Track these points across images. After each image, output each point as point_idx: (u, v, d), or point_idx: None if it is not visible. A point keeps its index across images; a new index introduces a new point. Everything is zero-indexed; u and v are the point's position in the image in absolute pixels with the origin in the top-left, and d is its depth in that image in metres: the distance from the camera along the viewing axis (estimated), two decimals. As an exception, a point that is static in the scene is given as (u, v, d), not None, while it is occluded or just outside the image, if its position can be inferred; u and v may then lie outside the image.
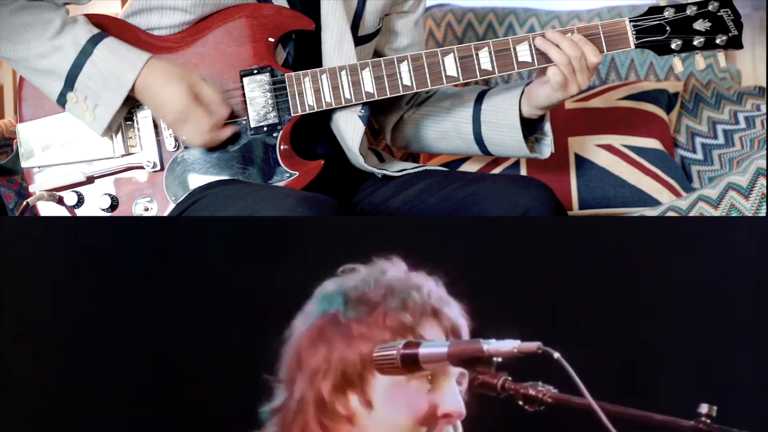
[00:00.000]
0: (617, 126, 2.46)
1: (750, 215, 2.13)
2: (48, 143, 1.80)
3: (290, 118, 1.81)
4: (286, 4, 1.83)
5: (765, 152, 2.18)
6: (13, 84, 2.44)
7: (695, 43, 1.85)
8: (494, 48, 1.83)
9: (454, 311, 1.27)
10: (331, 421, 1.24)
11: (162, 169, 1.80)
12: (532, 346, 1.12)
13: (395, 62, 1.82)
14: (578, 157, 2.41)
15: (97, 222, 1.76)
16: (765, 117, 2.48)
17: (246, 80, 1.80)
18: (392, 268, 1.28)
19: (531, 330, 1.15)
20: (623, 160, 2.41)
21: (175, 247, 1.67)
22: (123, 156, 1.80)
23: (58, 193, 1.79)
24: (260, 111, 1.80)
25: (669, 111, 2.53)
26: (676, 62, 1.89)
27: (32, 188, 1.80)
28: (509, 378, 1.15)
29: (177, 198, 1.79)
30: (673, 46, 1.85)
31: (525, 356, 1.13)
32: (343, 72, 1.81)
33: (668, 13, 1.84)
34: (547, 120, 1.93)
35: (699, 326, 1.68)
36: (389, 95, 1.83)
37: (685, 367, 1.68)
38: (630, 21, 1.84)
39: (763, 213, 2.13)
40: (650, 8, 1.85)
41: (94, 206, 1.80)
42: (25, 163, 1.81)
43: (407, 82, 1.83)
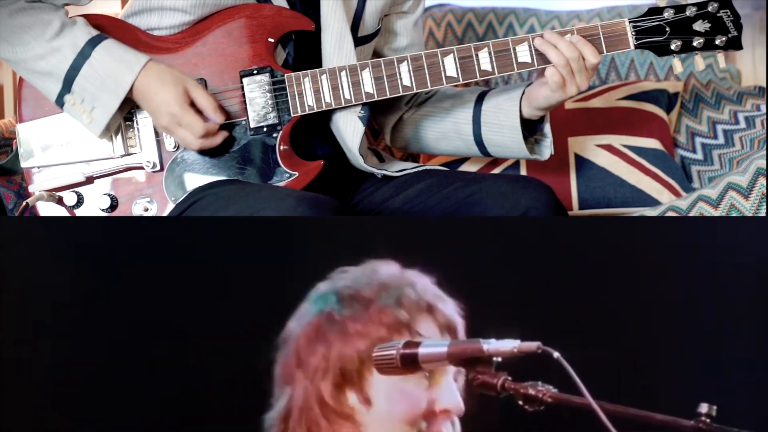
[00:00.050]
0: (617, 126, 2.46)
1: (750, 215, 2.13)
2: (47, 143, 1.80)
3: (290, 119, 1.81)
4: (286, 5, 1.83)
5: (765, 152, 2.18)
6: (13, 84, 2.44)
7: (695, 44, 1.85)
8: (494, 48, 1.83)
9: (449, 308, 1.27)
10: (331, 420, 1.24)
11: (161, 170, 1.80)
12: (532, 346, 1.12)
13: (395, 63, 1.82)
14: (578, 157, 2.41)
15: (97, 222, 1.76)
16: (765, 117, 2.48)
17: (246, 80, 1.80)
18: (385, 267, 1.29)
19: (531, 330, 1.15)
20: (623, 160, 2.41)
21: (175, 247, 1.66)
22: (123, 156, 1.80)
23: (58, 194, 1.79)
24: (260, 111, 1.80)
25: (669, 111, 2.53)
26: (676, 63, 1.89)
27: (32, 188, 1.80)
28: (509, 378, 1.15)
29: (176, 198, 1.79)
30: (673, 47, 1.85)
31: (525, 356, 1.13)
32: (343, 72, 1.81)
33: (668, 14, 1.84)
34: (547, 121, 1.93)
35: (699, 326, 1.68)
36: (389, 96, 1.83)
37: (685, 367, 1.68)
38: (630, 22, 1.84)
39: (763, 213, 2.13)
40: (650, 9, 1.85)
41: (94, 206, 1.80)
42: (25, 164, 1.81)
43: (407, 83, 1.83)
